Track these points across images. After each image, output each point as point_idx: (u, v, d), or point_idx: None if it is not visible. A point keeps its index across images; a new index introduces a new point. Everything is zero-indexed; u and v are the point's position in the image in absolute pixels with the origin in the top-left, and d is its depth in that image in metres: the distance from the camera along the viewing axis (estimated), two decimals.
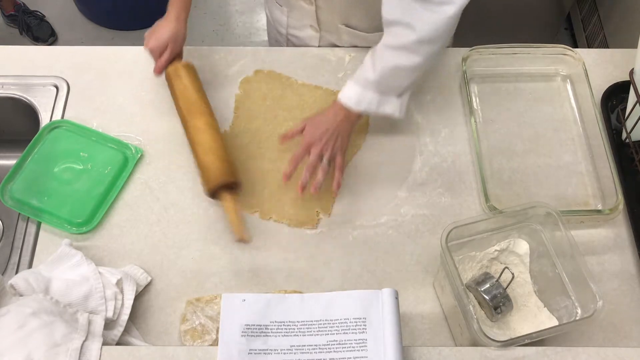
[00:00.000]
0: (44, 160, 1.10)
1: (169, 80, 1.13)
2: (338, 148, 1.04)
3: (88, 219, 1.05)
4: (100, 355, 0.83)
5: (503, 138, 1.16)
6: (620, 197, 1.03)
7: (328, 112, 1.05)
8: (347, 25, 1.21)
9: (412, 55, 0.97)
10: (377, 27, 1.19)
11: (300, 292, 0.97)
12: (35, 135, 1.11)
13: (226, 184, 1.01)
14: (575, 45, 2.43)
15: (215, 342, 0.92)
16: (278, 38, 1.35)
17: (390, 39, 0.99)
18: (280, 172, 1.06)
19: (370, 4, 1.14)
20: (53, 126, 1.14)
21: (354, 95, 1.03)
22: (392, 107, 1.05)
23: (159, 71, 1.12)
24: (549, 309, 0.92)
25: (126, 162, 1.11)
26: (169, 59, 1.11)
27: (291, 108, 1.19)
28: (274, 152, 1.13)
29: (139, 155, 1.12)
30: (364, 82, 1.02)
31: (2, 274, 0.97)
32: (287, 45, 1.33)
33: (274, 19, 1.31)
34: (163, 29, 1.10)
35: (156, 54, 1.11)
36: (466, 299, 0.84)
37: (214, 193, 1.01)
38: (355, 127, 1.07)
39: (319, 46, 1.28)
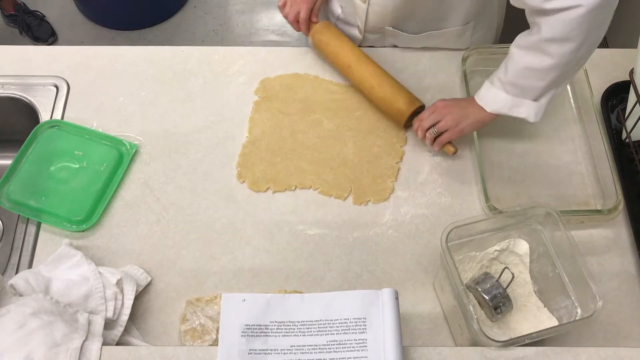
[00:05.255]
0: (39, 160, 1.10)
1: (316, 47, 1.23)
2: (452, 126, 1.04)
3: (87, 216, 1.05)
4: (100, 355, 0.83)
5: (503, 138, 1.16)
6: (620, 197, 1.03)
7: (467, 99, 1.06)
8: (395, 28, 1.20)
9: (542, 55, 0.93)
10: (425, 29, 1.20)
11: (300, 292, 0.97)
12: (28, 137, 1.12)
13: (415, 111, 1.11)
14: None
15: (215, 342, 0.92)
16: None
17: (520, 38, 0.97)
18: (356, 156, 1.13)
19: (423, 8, 1.15)
20: (46, 126, 1.14)
21: (486, 95, 1.03)
22: (526, 110, 1.00)
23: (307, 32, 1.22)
24: (549, 309, 0.92)
25: (121, 158, 1.11)
26: (306, 18, 1.20)
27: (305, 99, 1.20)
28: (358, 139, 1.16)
29: (134, 151, 1.12)
30: (497, 82, 1.01)
31: (2, 274, 0.97)
32: None
33: (329, 7, 1.29)
34: None
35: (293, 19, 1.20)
36: (466, 299, 0.84)
37: (407, 123, 1.13)
38: (485, 125, 1.06)
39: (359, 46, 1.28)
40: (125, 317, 0.93)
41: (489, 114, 1.03)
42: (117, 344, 0.91)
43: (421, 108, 1.12)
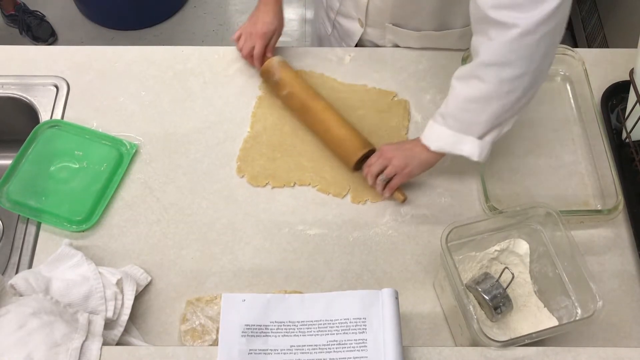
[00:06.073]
0: (39, 160, 1.10)
1: (266, 79, 1.19)
2: (400, 170, 1.02)
3: (87, 216, 1.05)
4: (100, 355, 0.83)
5: (503, 138, 1.15)
6: (620, 197, 1.03)
7: (412, 141, 1.03)
8: (395, 25, 1.20)
9: (479, 82, 0.90)
10: (427, 28, 1.19)
11: (300, 292, 0.97)
12: (28, 137, 1.11)
13: (365, 155, 1.08)
14: (575, 45, 2.43)
15: (215, 342, 0.92)
16: (325, 22, 1.34)
17: (459, 70, 0.94)
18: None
19: (424, 6, 1.14)
20: (46, 126, 1.14)
21: (430, 133, 1.00)
22: (470, 147, 0.96)
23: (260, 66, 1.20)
24: (549, 309, 0.92)
25: (121, 158, 1.11)
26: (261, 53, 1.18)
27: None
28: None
29: (134, 151, 1.12)
30: (439, 118, 0.98)
31: (2, 274, 0.97)
32: (332, 31, 1.32)
33: (327, 2, 1.29)
34: (263, 26, 1.17)
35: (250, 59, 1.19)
36: (466, 299, 0.84)
37: (356, 166, 1.09)
38: (431, 166, 1.03)
39: (356, 44, 1.28)
40: (125, 317, 0.93)
41: (434, 153, 1.00)
42: (117, 344, 0.91)
43: (371, 152, 1.08)
